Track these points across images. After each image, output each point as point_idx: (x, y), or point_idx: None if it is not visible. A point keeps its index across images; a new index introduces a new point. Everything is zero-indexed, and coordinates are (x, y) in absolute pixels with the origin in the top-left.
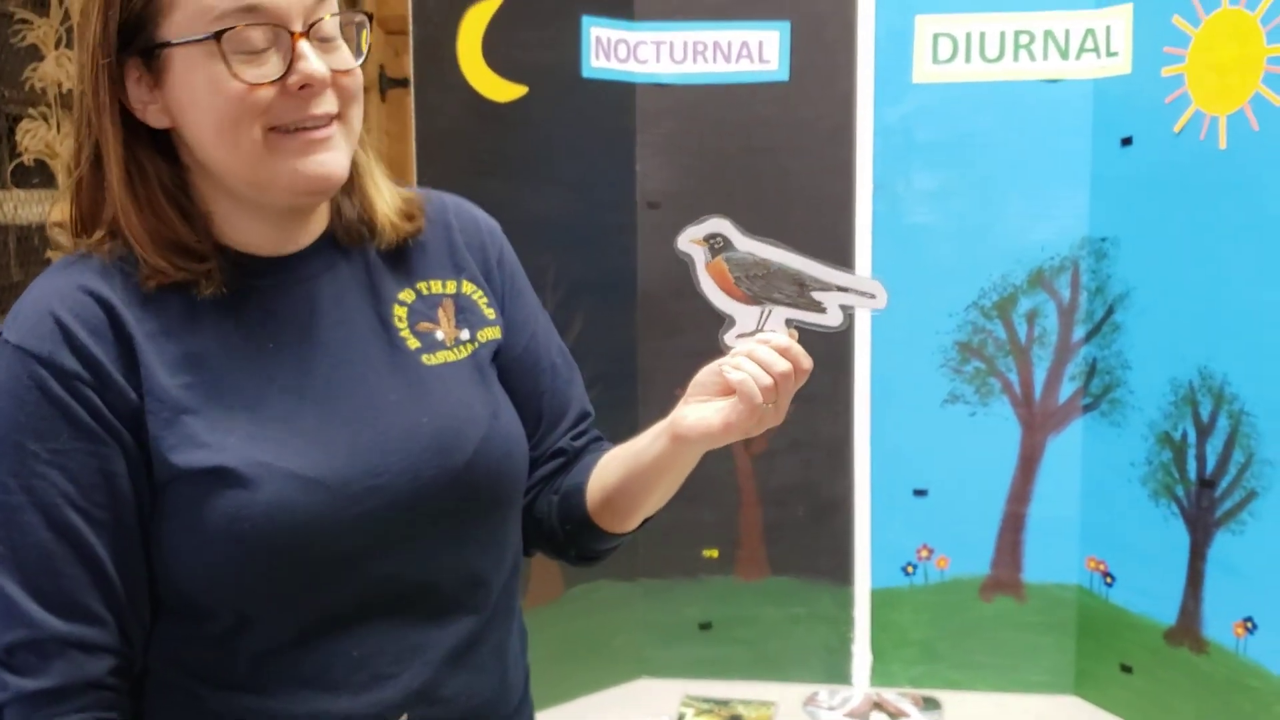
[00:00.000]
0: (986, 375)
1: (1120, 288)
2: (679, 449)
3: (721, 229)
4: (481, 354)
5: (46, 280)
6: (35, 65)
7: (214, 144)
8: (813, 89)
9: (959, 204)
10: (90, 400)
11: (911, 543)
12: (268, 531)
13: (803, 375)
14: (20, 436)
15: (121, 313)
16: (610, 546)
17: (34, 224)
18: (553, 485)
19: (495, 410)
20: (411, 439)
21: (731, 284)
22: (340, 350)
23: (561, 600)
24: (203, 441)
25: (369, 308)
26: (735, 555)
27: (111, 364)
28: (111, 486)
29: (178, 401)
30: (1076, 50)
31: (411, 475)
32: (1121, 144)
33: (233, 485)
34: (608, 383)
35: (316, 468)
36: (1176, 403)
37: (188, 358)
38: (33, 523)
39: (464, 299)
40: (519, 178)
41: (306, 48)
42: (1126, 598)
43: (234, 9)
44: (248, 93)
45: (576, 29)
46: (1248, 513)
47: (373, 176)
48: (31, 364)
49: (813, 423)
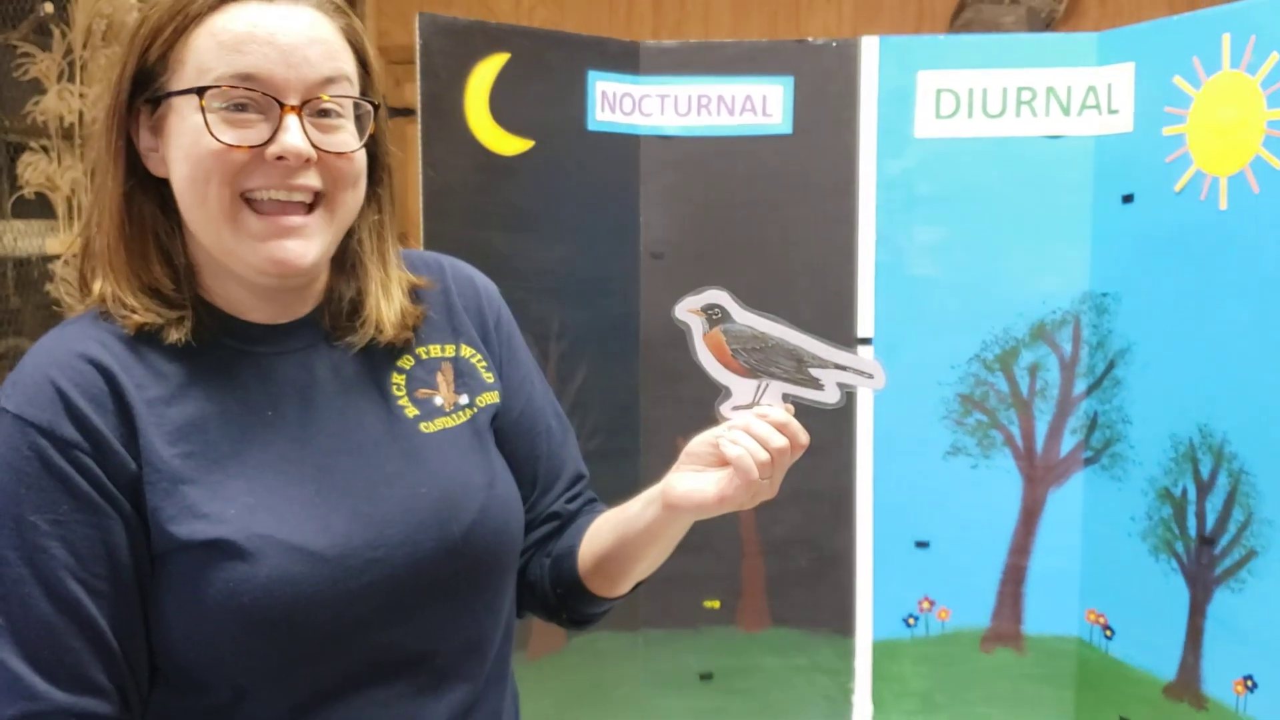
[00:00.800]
0: (989, 428)
1: (1121, 343)
2: (670, 517)
3: (720, 300)
4: (480, 419)
5: (46, 346)
6: (37, 99)
7: (186, 197)
8: (816, 142)
9: (961, 257)
10: (91, 470)
11: (913, 594)
12: (267, 605)
13: (799, 451)
14: (20, 508)
15: (122, 380)
16: (601, 610)
17: (33, 255)
18: (545, 548)
19: (492, 479)
20: (410, 511)
21: (729, 356)
22: (338, 419)
23: (563, 652)
24: (202, 513)
25: (366, 376)
26: (737, 606)
27: (111, 433)
28: (112, 557)
29: (176, 471)
30: (1079, 107)
31: (410, 547)
32: (1123, 201)
33: (232, 558)
34: (610, 431)
35: (316, 540)
36: (1177, 459)
37: (186, 426)
38: (34, 595)
39: (463, 363)
40: (524, 229)
41: (293, 121)
42: (1126, 652)
43: (230, 74)
44: (225, 153)
45: (583, 83)
46: (1247, 571)
47: (383, 284)
48: (31, 434)
49: (815, 473)
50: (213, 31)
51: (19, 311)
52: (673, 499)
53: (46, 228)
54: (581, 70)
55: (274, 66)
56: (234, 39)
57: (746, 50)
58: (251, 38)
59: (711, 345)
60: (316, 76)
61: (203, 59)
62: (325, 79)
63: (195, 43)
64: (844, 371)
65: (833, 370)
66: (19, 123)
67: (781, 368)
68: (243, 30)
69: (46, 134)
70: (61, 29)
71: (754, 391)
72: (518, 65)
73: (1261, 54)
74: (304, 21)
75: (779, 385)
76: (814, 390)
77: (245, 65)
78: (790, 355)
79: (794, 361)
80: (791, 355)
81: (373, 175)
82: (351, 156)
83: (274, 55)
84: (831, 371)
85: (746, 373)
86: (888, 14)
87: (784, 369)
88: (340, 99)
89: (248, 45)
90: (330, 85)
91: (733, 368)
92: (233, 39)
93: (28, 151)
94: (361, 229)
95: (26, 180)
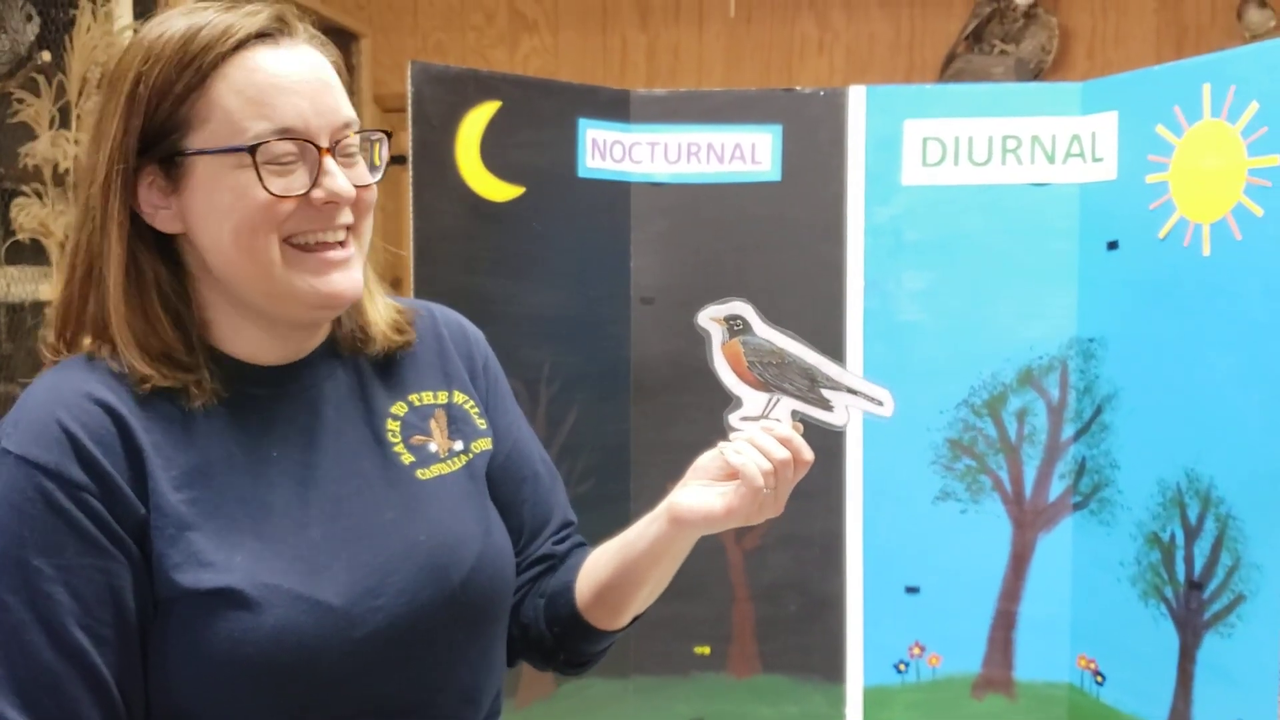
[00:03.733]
0: (978, 472)
1: (1108, 388)
2: (676, 533)
3: (743, 312)
4: (476, 464)
5: (48, 386)
6: (30, 144)
7: (231, 252)
8: (804, 189)
9: (949, 303)
10: (98, 513)
11: (904, 640)
12: (272, 655)
13: (803, 467)
14: (23, 552)
15: (130, 423)
16: (599, 649)
17: (26, 301)
18: (538, 589)
19: (488, 527)
20: (408, 560)
21: (745, 367)
22: (340, 463)
23: (552, 698)
24: (208, 560)
25: (362, 421)
26: (727, 652)
27: (120, 476)
28: (117, 602)
29: (182, 518)
30: (1063, 155)
31: (409, 597)
32: (1108, 247)
33: (238, 607)
34: (601, 475)
35: (321, 590)
36: (1164, 504)
37: (192, 471)
38: (37, 643)
39: (456, 409)
40: (515, 275)
41: (332, 165)
42: (1117, 697)
43: (271, 129)
44: (274, 204)
45: (573, 131)
46: (1236, 615)
47: (369, 287)
48: (36, 475)
49: (805, 518)
50: (234, 86)
51: (10, 358)
52: (679, 513)
53: (40, 274)
54: (572, 118)
55: (307, 116)
56: (260, 92)
57: (736, 99)
58: (277, 89)
59: (729, 355)
60: (340, 120)
61: (232, 115)
62: (345, 122)
63: (217, 99)
64: (855, 396)
65: (844, 394)
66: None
67: (795, 385)
68: (266, 82)
69: (40, 179)
70: (59, 77)
71: (765, 405)
72: (509, 113)
73: (1241, 103)
74: (312, 64)
75: (790, 401)
76: (823, 410)
77: (283, 119)
78: (805, 374)
79: (807, 380)
80: (806, 374)
81: None
82: (372, 187)
83: (304, 105)
84: (843, 395)
85: (760, 386)
86: (879, 64)
87: (797, 386)
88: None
89: (277, 97)
90: (349, 125)
91: (747, 379)
92: (259, 92)
93: (21, 196)
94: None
95: (20, 225)
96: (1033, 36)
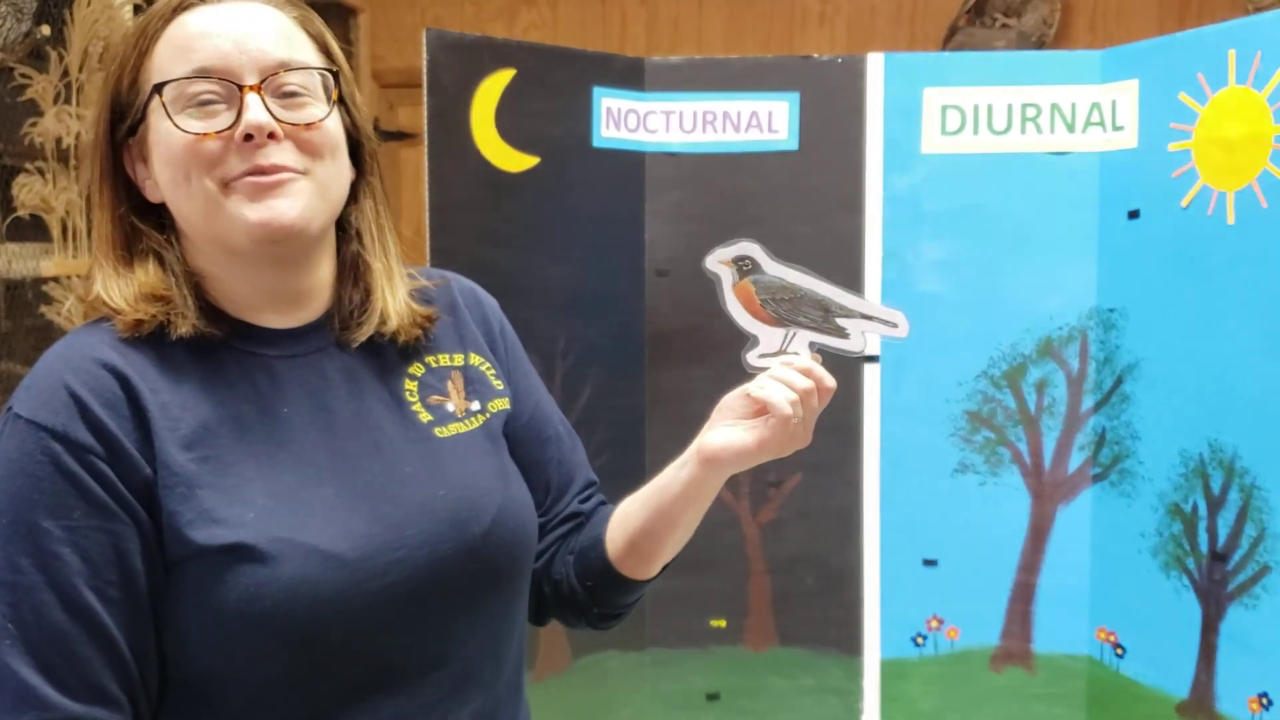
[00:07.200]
0: (996, 444)
1: (1129, 358)
2: (708, 473)
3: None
4: (493, 424)
5: (58, 353)
6: (34, 120)
7: (177, 202)
8: (822, 158)
9: (968, 273)
10: (105, 475)
11: (921, 613)
12: (288, 609)
13: (826, 395)
14: (33, 514)
15: (136, 385)
16: (632, 600)
17: (27, 278)
18: (567, 546)
19: (508, 481)
20: (429, 512)
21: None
22: (353, 422)
23: (569, 671)
24: (220, 517)
25: (379, 382)
26: (744, 625)
27: (126, 437)
28: (124, 564)
29: (192, 476)
30: (1083, 124)
31: (430, 548)
32: (1129, 216)
33: (252, 561)
34: (616, 449)
35: (337, 542)
36: (1187, 475)
37: (200, 430)
38: (48, 603)
39: (472, 370)
40: (530, 246)
41: (253, 99)
42: (1138, 669)
43: (186, 70)
44: (196, 143)
45: (588, 100)
46: (1261, 587)
47: (388, 280)
48: (45, 438)
49: (822, 492)
50: (170, 43)
51: (10, 335)
52: (712, 452)
53: (41, 250)
54: (587, 87)
55: (227, 54)
56: (187, 39)
57: (752, 66)
58: (203, 35)
59: (741, 295)
60: (271, 58)
61: (163, 67)
62: (280, 61)
63: (155, 61)
64: (870, 321)
65: (859, 320)
66: (14, 145)
67: (809, 317)
68: (194, 32)
69: (42, 156)
70: (59, 51)
71: (781, 339)
72: (523, 82)
73: (1269, 69)
74: (251, 15)
75: (806, 334)
76: (840, 338)
77: (200, 59)
78: (818, 305)
79: (821, 311)
80: (819, 305)
81: (360, 165)
82: (320, 126)
83: (226, 44)
84: (858, 321)
85: (775, 322)
86: (880, 36)
87: (811, 318)
88: (304, 83)
89: (200, 42)
90: (287, 65)
91: (761, 317)
92: (185, 40)
93: (23, 173)
94: (360, 223)
95: (21, 202)
96: (1034, 10)
